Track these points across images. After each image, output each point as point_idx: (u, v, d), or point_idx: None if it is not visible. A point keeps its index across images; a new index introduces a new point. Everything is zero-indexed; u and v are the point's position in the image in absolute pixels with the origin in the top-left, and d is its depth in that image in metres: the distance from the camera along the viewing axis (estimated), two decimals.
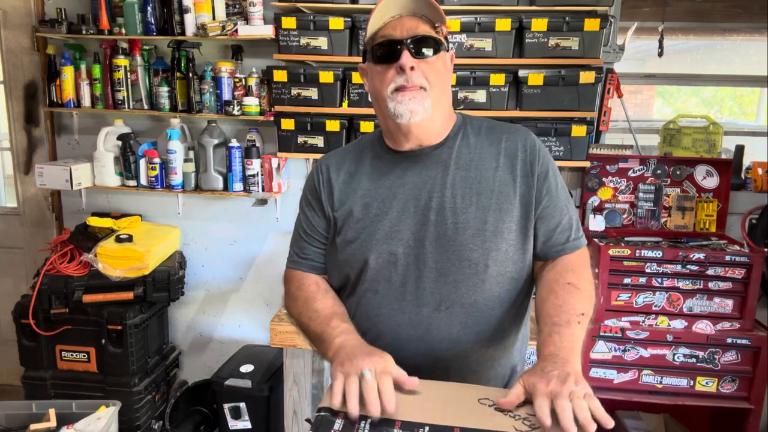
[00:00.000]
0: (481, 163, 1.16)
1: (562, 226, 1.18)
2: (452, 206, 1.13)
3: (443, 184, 1.15)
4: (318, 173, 1.27)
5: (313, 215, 1.26)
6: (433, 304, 1.14)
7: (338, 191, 1.22)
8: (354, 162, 1.25)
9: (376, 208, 1.18)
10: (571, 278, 1.12)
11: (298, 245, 1.30)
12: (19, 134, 2.96)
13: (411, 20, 1.11)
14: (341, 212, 1.21)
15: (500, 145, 1.18)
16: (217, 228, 2.91)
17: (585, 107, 2.34)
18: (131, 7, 2.49)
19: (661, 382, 2.35)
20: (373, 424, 0.90)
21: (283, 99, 2.47)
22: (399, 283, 1.16)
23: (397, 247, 1.15)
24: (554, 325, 1.03)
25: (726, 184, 2.56)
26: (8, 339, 2.87)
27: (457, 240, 1.12)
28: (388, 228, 1.16)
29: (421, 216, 1.15)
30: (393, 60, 1.11)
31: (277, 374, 2.56)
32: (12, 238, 3.08)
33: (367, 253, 1.16)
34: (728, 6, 2.70)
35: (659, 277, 2.31)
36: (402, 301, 1.16)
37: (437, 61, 1.13)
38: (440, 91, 1.14)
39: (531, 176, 1.16)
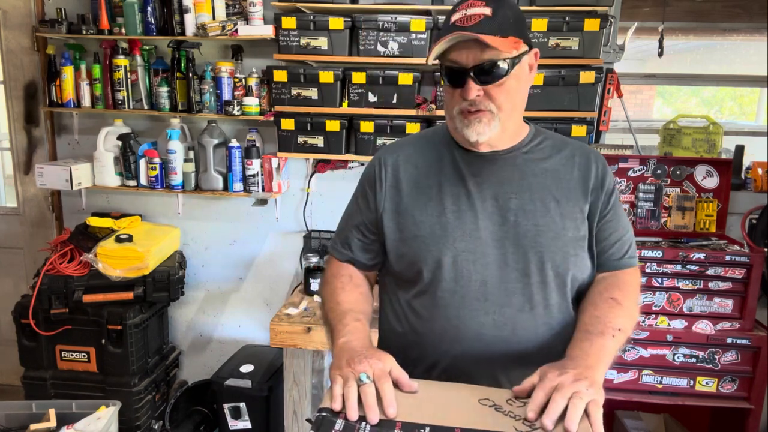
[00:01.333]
0: (557, 173, 1.18)
1: (621, 241, 1.21)
2: (532, 209, 1.14)
3: (522, 187, 1.15)
4: (381, 166, 1.24)
5: (366, 208, 1.25)
6: (517, 305, 1.13)
7: (409, 184, 1.20)
8: (424, 157, 1.22)
9: (453, 205, 1.15)
10: (616, 294, 1.14)
11: (343, 234, 1.30)
12: (19, 134, 2.96)
13: (478, 45, 1.04)
14: (411, 207, 1.18)
15: (573, 158, 1.20)
16: (217, 228, 2.91)
17: (585, 107, 2.34)
18: (131, 7, 2.49)
19: (661, 382, 2.35)
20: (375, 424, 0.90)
21: (283, 99, 2.47)
22: (480, 282, 1.13)
23: (477, 245, 1.13)
24: (587, 333, 1.05)
25: (726, 184, 2.56)
26: (8, 339, 2.88)
27: (538, 242, 1.13)
28: (467, 226, 1.14)
29: (500, 216, 1.14)
30: (459, 86, 1.09)
31: (277, 374, 2.56)
32: (12, 238, 3.08)
33: (444, 251, 1.14)
34: (728, 6, 2.70)
35: (659, 277, 2.31)
36: (485, 301, 1.13)
37: (508, 81, 1.09)
38: (511, 110, 1.12)
39: (600, 190, 1.18)
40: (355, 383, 0.94)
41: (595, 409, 0.88)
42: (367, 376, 0.95)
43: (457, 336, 1.14)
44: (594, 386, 0.90)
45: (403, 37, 2.35)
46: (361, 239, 1.26)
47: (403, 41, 2.35)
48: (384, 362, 0.98)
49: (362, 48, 2.38)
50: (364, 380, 0.94)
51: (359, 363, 0.97)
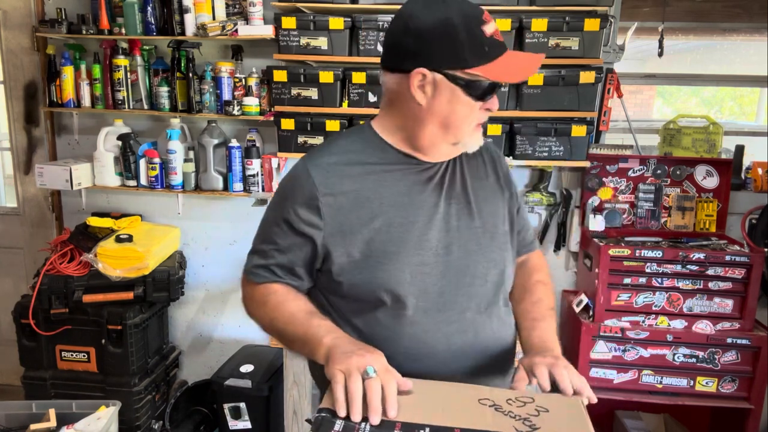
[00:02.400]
0: (478, 173, 1.23)
1: (526, 227, 1.35)
2: (468, 212, 1.17)
3: (457, 192, 1.17)
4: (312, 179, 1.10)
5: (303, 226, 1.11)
6: (474, 308, 1.15)
7: (349, 200, 1.10)
8: (361, 166, 1.13)
9: (399, 218, 1.10)
10: (538, 276, 1.31)
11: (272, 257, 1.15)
12: (19, 134, 2.96)
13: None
14: (356, 225, 1.09)
15: (483, 156, 1.26)
16: (217, 228, 2.91)
17: (585, 107, 2.34)
18: (131, 7, 2.49)
19: (661, 382, 2.35)
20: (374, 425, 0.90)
21: (283, 99, 2.47)
22: (437, 293, 1.12)
23: (428, 256, 1.11)
24: (533, 320, 1.20)
25: (726, 184, 2.56)
26: (8, 339, 2.88)
27: (481, 243, 1.17)
28: (417, 238, 1.11)
29: (444, 222, 1.14)
30: (484, 98, 1.09)
31: (277, 374, 2.56)
32: (12, 238, 3.08)
33: (401, 267, 1.09)
34: (728, 6, 2.70)
35: (659, 277, 2.31)
36: (445, 311, 1.13)
37: None
38: None
39: (509, 183, 1.28)
40: (360, 378, 0.91)
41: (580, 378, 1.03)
42: (374, 369, 0.91)
43: (427, 351, 1.12)
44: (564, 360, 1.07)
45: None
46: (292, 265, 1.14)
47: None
48: (383, 358, 0.97)
49: (362, 48, 2.38)
50: (371, 374, 0.91)
51: (361, 356, 0.94)
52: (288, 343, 1.12)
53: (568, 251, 2.71)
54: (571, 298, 2.54)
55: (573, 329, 2.44)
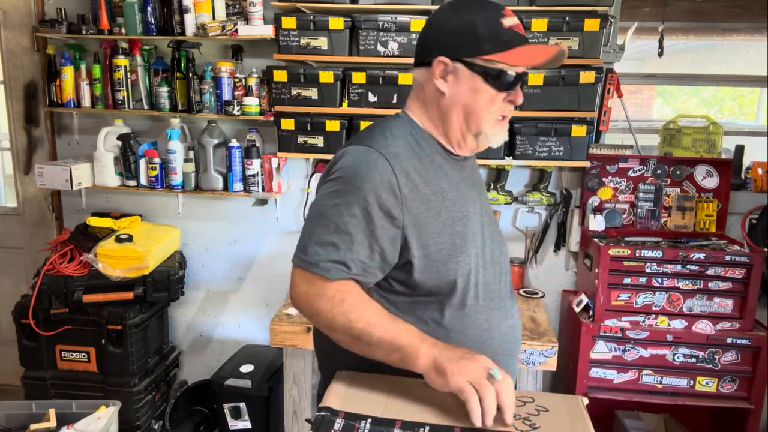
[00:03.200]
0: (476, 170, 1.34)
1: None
2: (487, 207, 1.27)
3: (477, 188, 1.26)
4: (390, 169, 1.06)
5: (385, 220, 1.05)
6: (507, 295, 1.26)
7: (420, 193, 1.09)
8: (419, 159, 1.13)
9: (458, 212, 1.15)
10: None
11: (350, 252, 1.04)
12: (19, 134, 2.96)
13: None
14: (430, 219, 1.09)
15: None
16: (217, 228, 2.91)
17: (585, 107, 2.34)
18: (131, 7, 2.49)
19: (661, 382, 2.35)
20: (374, 423, 0.90)
21: (283, 99, 2.47)
22: (488, 282, 1.20)
23: (479, 249, 1.19)
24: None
25: (726, 184, 2.56)
26: (8, 339, 2.88)
27: (498, 236, 1.28)
28: (472, 231, 1.17)
29: (480, 217, 1.21)
30: (507, 89, 1.12)
31: (277, 374, 2.56)
32: (12, 238, 3.08)
33: (466, 259, 1.14)
34: (728, 6, 2.70)
35: (659, 277, 2.31)
36: (494, 299, 1.21)
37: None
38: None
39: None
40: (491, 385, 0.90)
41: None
42: (498, 371, 0.92)
43: (487, 337, 1.18)
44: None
45: (403, 37, 2.35)
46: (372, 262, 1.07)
47: (403, 41, 2.35)
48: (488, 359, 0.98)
49: (362, 48, 2.38)
50: (497, 376, 0.90)
51: (474, 360, 0.94)
52: (367, 347, 1.02)
53: (568, 251, 2.71)
54: (571, 298, 2.54)
55: (573, 329, 2.44)
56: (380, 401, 0.95)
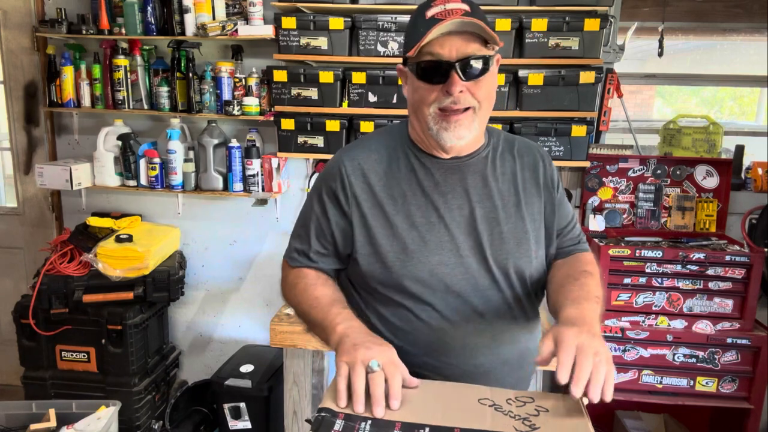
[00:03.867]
0: (514, 175, 1.20)
1: (575, 230, 1.29)
2: (495, 217, 1.15)
3: (484, 195, 1.16)
4: (345, 173, 1.15)
5: (335, 214, 1.17)
6: (493, 312, 1.15)
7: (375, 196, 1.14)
8: (387, 164, 1.16)
9: (421, 218, 1.12)
10: (587, 268, 1.20)
11: (307, 242, 1.20)
12: (19, 134, 2.96)
13: (461, 39, 1.03)
14: (380, 220, 1.13)
15: (523, 158, 1.22)
16: (217, 228, 2.91)
17: (585, 107, 2.34)
18: (131, 7, 2.49)
19: (661, 382, 2.35)
20: (374, 425, 0.90)
21: (283, 99, 2.47)
22: (456, 293, 1.13)
23: (450, 258, 1.12)
24: (575, 299, 1.07)
25: (726, 184, 2.56)
26: (8, 339, 2.88)
27: (504, 249, 1.15)
28: (440, 239, 1.12)
29: (468, 226, 1.14)
30: (440, 81, 1.05)
31: (277, 374, 2.56)
32: (12, 238, 3.08)
33: (419, 266, 1.11)
34: (728, 6, 2.70)
35: (659, 277, 2.31)
36: (463, 312, 1.14)
37: (488, 77, 1.08)
38: (488, 107, 1.12)
39: (550, 187, 1.22)
40: (364, 371, 0.91)
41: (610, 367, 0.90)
42: (378, 364, 0.91)
43: (442, 348, 1.13)
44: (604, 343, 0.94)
45: (403, 37, 2.34)
46: (325, 250, 1.20)
47: (403, 41, 2.35)
48: (392, 351, 0.97)
49: (362, 48, 2.38)
50: (374, 368, 0.91)
51: (368, 349, 0.94)
52: (310, 328, 1.14)
53: None
54: None
55: None
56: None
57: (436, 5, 1.04)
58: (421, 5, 1.08)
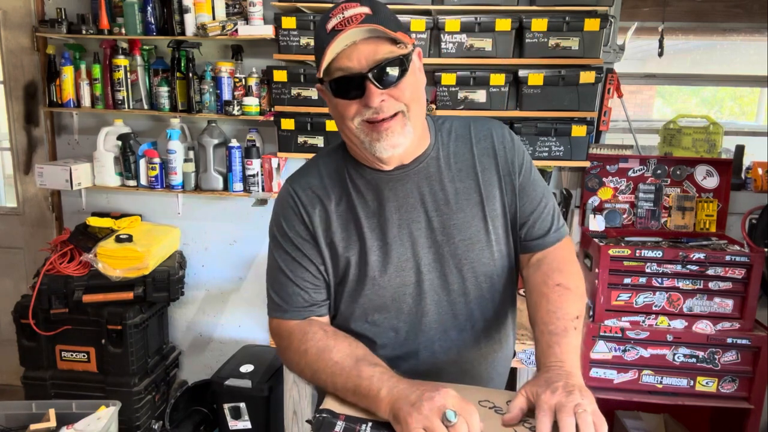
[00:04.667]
0: (467, 170, 1.10)
1: (543, 216, 1.14)
2: (456, 223, 1.08)
3: (441, 201, 1.08)
4: (298, 202, 1.09)
5: (301, 251, 1.09)
6: (459, 326, 1.11)
7: (333, 224, 1.08)
8: (337, 189, 1.10)
9: (379, 240, 1.07)
10: (559, 278, 1.07)
11: (284, 291, 1.10)
12: (19, 134, 2.96)
13: (367, 45, 0.94)
14: (342, 251, 1.08)
15: (477, 145, 1.12)
16: (217, 228, 2.91)
17: (585, 107, 2.34)
18: (131, 7, 2.49)
19: (661, 382, 2.35)
20: (374, 427, 0.90)
21: (283, 99, 2.47)
22: (419, 313, 1.09)
23: (410, 276, 1.08)
24: (551, 335, 0.99)
25: (726, 184, 2.56)
26: (8, 339, 2.87)
27: (470, 257, 1.08)
28: (397, 259, 1.07)
29: (427, 239, 1.08)
30: (357, 95, 0.97)
31: (277, 374, 2.56)
32: (12, 238, 3.08)
33: (382, 292, 1.07)
34: (728, 6, 2.70)
35: (659, 277, 2.31)
36: (429, 331, 1.10)
37: (408, 78, 0.99)
38: (418, 106, 1.02)
39: (513, 174, 1.12)
40: (444, 426, 0.82)
41: (597, 417, 0.86)
42: (454, 412, 0.83)
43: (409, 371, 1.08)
44: (583, 392, 0.87)
45: None
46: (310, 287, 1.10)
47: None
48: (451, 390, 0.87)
49: None
50: (453, 419, 0.82)
51: (430, 399, 0.84)
52: (340, 396, 1.00)
53: None
54: None
55: None
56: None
57: (334, 15, 0.95)
58: (322, 17, 0.99)
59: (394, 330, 1.10)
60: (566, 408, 0.83)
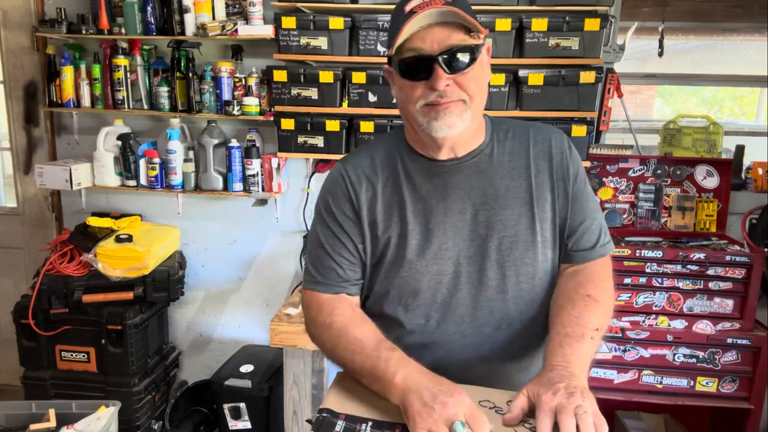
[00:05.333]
0: (520, 170, 1.10)
1: (591, 230, 1.13)
2: (502, 219, 1.08)
3: (489, 196, 1.08)
4: (347, 180, 1.12)
5: (342, 228, 1.11)
6: (493, 324, 1.10)
7: (378, 205, 1.10)
8: (387, 172, 1.12)
9: (421, 225, 1.08)
10: (591, 290, 1.06)
11: (321, 264, 1.12)
12: (19, 134, 2.96)
13: (442, 30, 0.98)
14: (382, 231, 1.10)
15: (534, 147, 1.12)
16: (217, 228, 2.91)
17: (585, 107, 2.34)
18: (131, 6, 2.49)
19: (661, 382, 2.35)
20: (374, 426, 0.90)
21: (283, 99, 2.47)
22: (454, 304, 1.08)
23: (448, 266, 1.08)
24: (566, 336, 0.98)
25: (726, 184, 2.56)
26: (8, 339, 2.87)
27: (513, 255, 1.08)
28: (437, 247, 1.07)
29: (470, 231, 1.08)
30: (424, 77, 0.99)
31: (277, 374, 2.56)
32: (12, 238, 3.08)
33: (419, 277, 1.07)
34: (728, 6, 2.70)
35: (659, 277, 2.31)
36: (461, 324, 1.09)
37: (475, 68, 1.01)
38: (480, 100, 1.05)
39: (567, 180, 1.11)
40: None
41: (598, 418, 0.85)
42: (463, 424, 0.82)
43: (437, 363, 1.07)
44: (585, 393, 0.87)
45: None
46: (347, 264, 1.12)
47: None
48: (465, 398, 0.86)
49: (362, 48, 2.37)
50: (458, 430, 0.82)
51: (444, 405, 0.84)
52: (355, 375, 1.02)
53: None
54: None
55: None
56: (380, 404, 0.95)
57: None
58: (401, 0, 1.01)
59: (426, 317, 1.10)
60: (567, 409, 0.83)
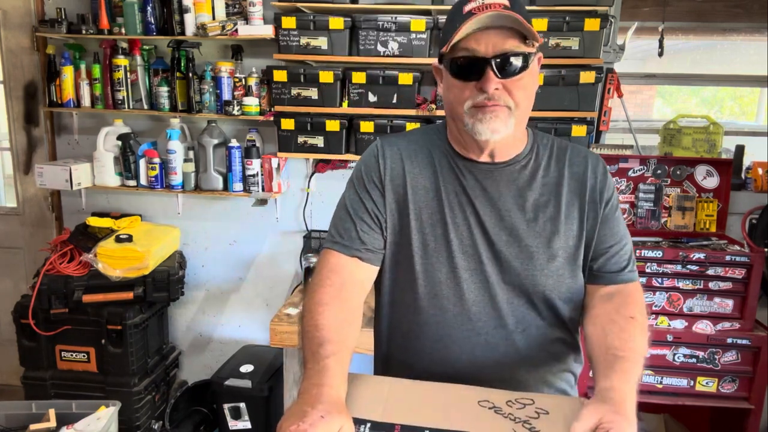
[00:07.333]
0: (552, 186, 1.12)
1: (621, 253, 1.14)
2: (526, 229, 1.08)
3: (517, 205, 1.09)
4: (382, 155, 1.14)
5: (368, 193, 1.13)
6: (510, 326, 1.09)
7: (408, 183, 1.11)
8: (424, 158, 1.14)
9: (452, 215, 1.09)
10: (634, 312, 1.05)
11: (341, 225, 1.13)
12: (19, 134, 2.96)
13: (498, 34, 1.00)
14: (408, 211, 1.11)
15: (570, 168, 1.14)
16: (217, 228, 2.91)
17: (585, 107, 2.34)
18: (131, 6, 2.49)
19: (661, 382, 2.35)
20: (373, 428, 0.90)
21: (283, 99, 2.47)
22: (470, 300, 1.08)
23: (470, 262, 1.08)
24: (621, 360, 0.97)
25: (726, 184, 2.56)
26: (8, 339, 2.87)
27: (532, 264, 1.08)
28: (465, 241, 1.08)
29: (495, 234, 1.08)
30: (475, 78, 1.00)
31: (277, 374, 2.56)
32: (12, 238, 3.08)
33: (439, 267, 1.08)
34: (728, 6, 2.70)
35: (659, 277, 2.31)
36: (477, 321, 1.09)
37: (526, 76, 1.03)
38: (526, 109, 1.08)
39: (599, 203, 1.12)
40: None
41: None
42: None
43: (447, 356, 1.09)
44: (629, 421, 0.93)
45: (403, 37, 2.34)
46: (369, 229, 1.12)
47: (403, 41, 2.35)
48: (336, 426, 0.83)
49: (362, 48, 2.37)
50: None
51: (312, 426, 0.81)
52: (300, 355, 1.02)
53: None
54: None
55: None
56: (379, 404, 0.95)
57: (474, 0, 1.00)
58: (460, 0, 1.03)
59: (441, 309, 1.10)
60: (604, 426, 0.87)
